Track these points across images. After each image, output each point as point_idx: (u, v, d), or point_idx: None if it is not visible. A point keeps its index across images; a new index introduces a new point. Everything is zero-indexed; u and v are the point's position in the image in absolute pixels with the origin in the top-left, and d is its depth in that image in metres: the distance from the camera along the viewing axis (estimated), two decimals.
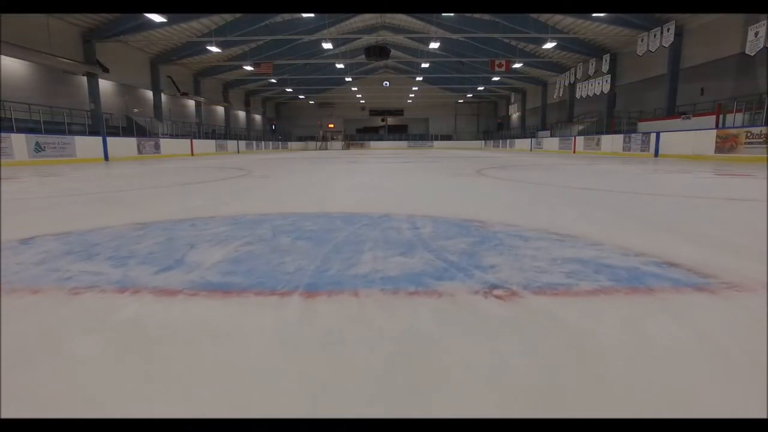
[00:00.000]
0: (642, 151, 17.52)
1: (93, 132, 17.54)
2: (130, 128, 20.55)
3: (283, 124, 48.75)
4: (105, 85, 21.19)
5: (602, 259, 1.85)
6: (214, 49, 21.42)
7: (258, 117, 43.18)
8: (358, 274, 1.67)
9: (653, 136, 16.77)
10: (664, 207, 3.63)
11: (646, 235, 2.41)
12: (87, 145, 15.98)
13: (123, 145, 18.29)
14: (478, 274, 1.64)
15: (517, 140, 34.63)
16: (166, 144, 21.57)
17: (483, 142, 44.80)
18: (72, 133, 15.80)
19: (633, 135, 18.26)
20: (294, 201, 4.26)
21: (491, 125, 47.55)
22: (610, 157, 16.40)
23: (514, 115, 41.01)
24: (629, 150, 18.48)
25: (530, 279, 1.58)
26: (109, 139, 17.25)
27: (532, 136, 31.70)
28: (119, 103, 22.62)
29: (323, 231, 2.51)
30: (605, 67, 21.44)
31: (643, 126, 19.63)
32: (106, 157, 16.80)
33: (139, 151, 19.32)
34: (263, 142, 37.59)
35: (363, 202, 4.03)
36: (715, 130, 13.49)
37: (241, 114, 38.99)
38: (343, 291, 1.48)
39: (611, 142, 20.10)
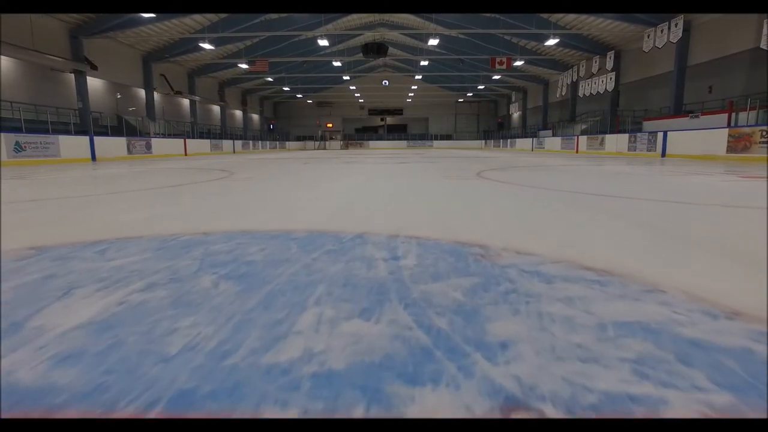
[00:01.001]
0: (648, 151, 16.84)
1: (80, 131, 16.85)
2: (121, 127, 19.82)
3: (281, 124, 48.08)
4: (95, 83, 20.52)
5: (678, 325, 1.16)
6: (207, 46, 20.71)
7: (255, 116, 42.52)
8: (278, 363, 0.98)
9: (660, 135, 16.10)
10: (713, 222, 2.95)
11: (719, 272, 1.73)
12: (72, 144, 15.31)
13: (112, 145, 17.63)
14: (480, 366, 0.96)
15: (518, 140, 33.98)
16: (158, 144, 20.91)
17: (483, 141, 44.13)
18: (56, 132, 15.10)
19: (639, 134, 17.58)
20: (260, 211, 3.57)
21: (491, 125, 46.84)
22: (616, 158, 15.69)
23: (515, 115, 40.32)
24: (635, 150, 17.80)
25: (573, 381, 0.89)
26: (96, 139, 16.60)
27: (534, 135, 31.04)
28: (110, 102, 21.96)
29: (267, 263, 1.83)
30: (609, 65, 20.73)
31: (648, 125, 18.97)
32: (94, 158, 16.15)
33: (129, 151, 18.66)
34: (260, 142, 36.93)
35: (340, 214, 3.34)
36: (727, 129, 12.79)
37: (238, 113, 38.32)
38: (230, 417, 0.79)
39: (616, 141, 19.43)
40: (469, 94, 41.14)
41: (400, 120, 49.50)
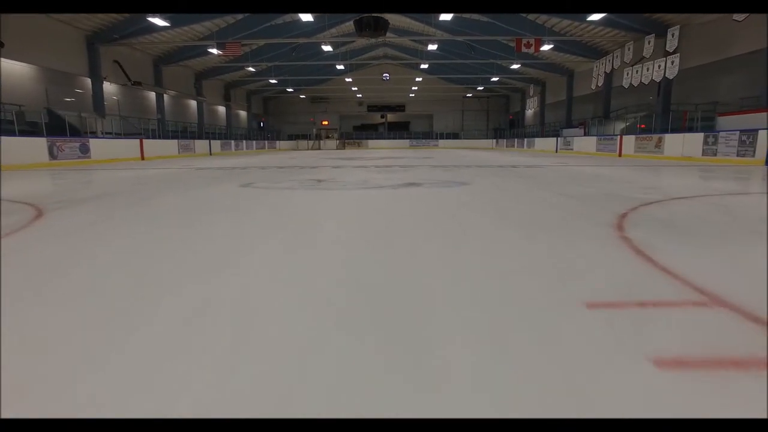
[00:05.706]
0: (740, 156, 12.41)
1: None
2: (53, 125, 15.36)
3: (272, 122, 43.69)
4: (18, 68, 16.18)
5: None
6: (159, 22, 16.16)
7: (243, 113, 38.13)
8: None
9: (763, 135, 11.69)
10: None
11: None
12: None
13: (23, 148, 13.29)
14: None
15: (537, 139, 29.54)
16: (100, 145, 16.51)
17: (494, 141, 39.73)
18: None
19: (722, 134, 13.17)
20: None
21: (502, 122, 42.41)
22: (701, 166, 11.09)
23: (530, 111, 35.84)
24: (714, 154, 13.38)
25: None
26: None
27: (556, 134, 26.62)
28: (41, 93, 17.56)
29: None
30: (671, 45, 16.26)
31: (725, 122, 14.54)
32: None
33: (53, 156, 14.31)
34: (246, 141, 32.57)
35: None
36: None
37: (222, 110, 33.94)
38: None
39: (682, 143, 15.01)
40: (480, 88, 36.61)
41: (402, 117, 45.09)
